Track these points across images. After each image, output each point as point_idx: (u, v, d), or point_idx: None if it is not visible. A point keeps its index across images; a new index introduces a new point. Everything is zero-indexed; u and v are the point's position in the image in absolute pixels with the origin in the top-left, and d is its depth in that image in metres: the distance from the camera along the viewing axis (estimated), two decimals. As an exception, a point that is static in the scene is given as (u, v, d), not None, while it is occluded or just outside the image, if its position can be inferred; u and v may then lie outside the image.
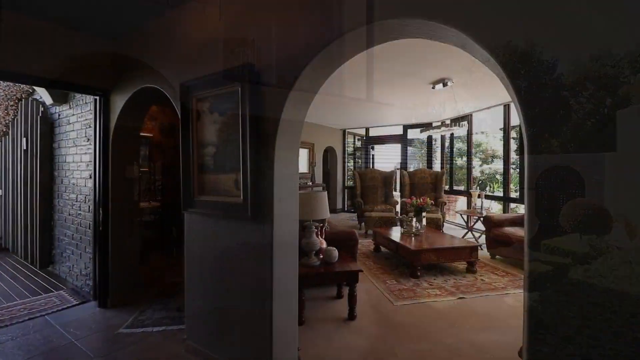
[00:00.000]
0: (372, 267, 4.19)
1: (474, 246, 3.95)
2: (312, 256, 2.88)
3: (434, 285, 3.58)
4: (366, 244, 5.40)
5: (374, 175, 7.18)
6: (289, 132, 1.92)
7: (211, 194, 2.12)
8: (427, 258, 3.81)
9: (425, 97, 5.21)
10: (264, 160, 1.87)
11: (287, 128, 1.89)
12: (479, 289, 3.47)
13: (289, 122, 1.88)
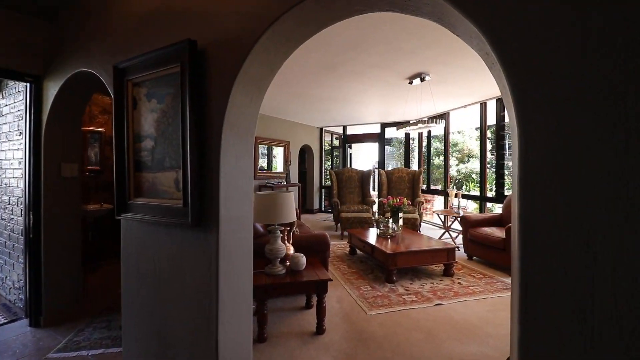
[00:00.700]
0: (346, 272, 3.95)
1: (452, 248, 3.79)
2: (276, 264, 2.60)
3: (410, 290, 3.38)
4: (342, 246, 5.17)
5: (351, 174, 6.97)
6: (239, 122, 1.62)
7: (149, 196, 1.80)
8: (403, 262, 3.61)
9: (401, 92, 5.03)
10: (208, 156, 1.57)
11: (236, 117, 1.59)
12: (456, 294, 3.30)
13: (238, 110, 1.59)
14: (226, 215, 1.57)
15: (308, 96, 5.34)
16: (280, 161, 7.58)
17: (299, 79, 4.37)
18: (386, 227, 4.35)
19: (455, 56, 3.47)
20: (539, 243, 0.89)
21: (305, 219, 7.80)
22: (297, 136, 8.01)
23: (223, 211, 1.56)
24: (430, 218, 7.91)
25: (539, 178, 0.91)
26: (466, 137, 11.59)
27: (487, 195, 5.53)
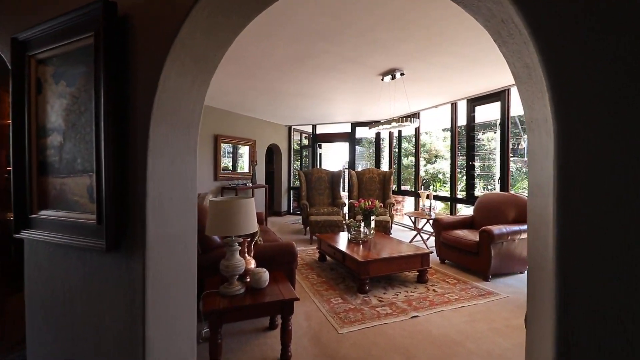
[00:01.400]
0: (315, 282, 3.65)
1: (426, 253, 3.60)
2: (234, 282, 2.23)
3: (384, 301, 3.14)
4: (311, 252, 4.86)
5: (320, 175, 6.68)
6: (176, 112, 1.25)
7: (57, 208, 1.37)
8: (376, 270, 3.37)
9: (374, 90, 4.80)
10: (132, 156, 1.19)
11: (172, 105, 1.22)
12: (432, 303, 3.10)
13: (174, 96, 1.22)
14: (157, 234, 1.19)
15: (276, 92, 4.97)
16: (247, 161, 7.13)
17: (266, 73, 4.00)
18: (358, 231, 4.10)
19: (431, 52, 3.27)
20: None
21: (272, 221, 7.41)
22: (264, 135, 7.59)
23: (152, 229, 1.18)
24: (400, 219, 7.83)
25: (586, 186, 0.64)
26: (433, 138, 11.76)
27: (457, 197, 5.47)
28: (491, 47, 3.10)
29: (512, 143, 10.95)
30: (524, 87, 0.84)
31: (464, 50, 3.21)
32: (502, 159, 4.61)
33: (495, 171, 10.34)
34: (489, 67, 3.71)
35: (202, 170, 5.81)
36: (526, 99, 0.85)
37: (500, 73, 3.94)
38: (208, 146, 6.01)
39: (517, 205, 4.04)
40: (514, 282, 3.69)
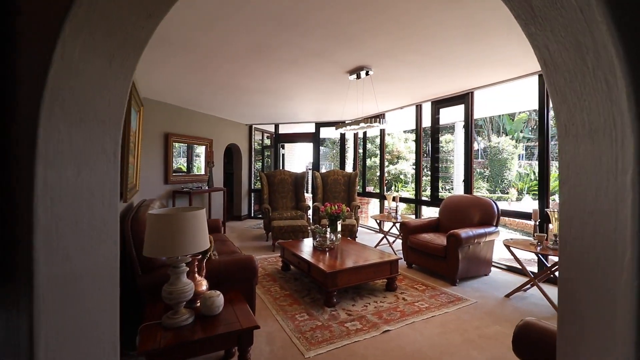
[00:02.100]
0: (279, 296, 3.34)
1: (395, 260, 3.46)
2: (180, 310, 1.86)
3: (353, 314, 2.92)
4: (273, 260, 4.53)
5: (283, 177, 6.36)
6: (85, 101, 0.90)
7: None
8: (344, 281, 3.14)
9: (341, 88, 4.59)
10: (12, 163, 0.82)
11: (77, 91, 0.87)
12: (403, 314, 2.94)
13: (80, 79, 0.87)
14: (52, 274, 0.84)
15: (234, 88, 4.57)
16: (204, 162, 6.59)
17: (220, 65, 3.60)
18: (323, 237, 3.86)
19: (400, 49, 3.12)
20: None
21: (232, 227, 6.94)
22: (222, 133, 7.09)
23: (44, 268, 0.82)
24: (365, 221, 7.75)
25: None
26: (395, 139, 11.94)
27: (422, 199, 5.45)
28: (461, 46, 3.01)
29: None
30: (563, 76, 0.62)
31: (434, 49, 3.09)
32: (466, 161, 4.64)
33: (453, 172, 10.71)
34: (455, 68, 3.66)
35: (150, 173, 5.22)
36: (564, 94, 0.63)
37: (465, 75, 3.91)
38: (157, 146, 5.42)
39: (482, 207, 4.05)
40: (480, 285, 3.67)
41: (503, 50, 3.12)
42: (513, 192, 11.65)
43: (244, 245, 5.40)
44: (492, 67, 3.59)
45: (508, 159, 11.93)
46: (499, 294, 3.40)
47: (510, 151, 11.97)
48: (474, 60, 3.36)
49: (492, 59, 3.31)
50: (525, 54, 3.17)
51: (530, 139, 13.04)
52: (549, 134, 3.71)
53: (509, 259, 5.53)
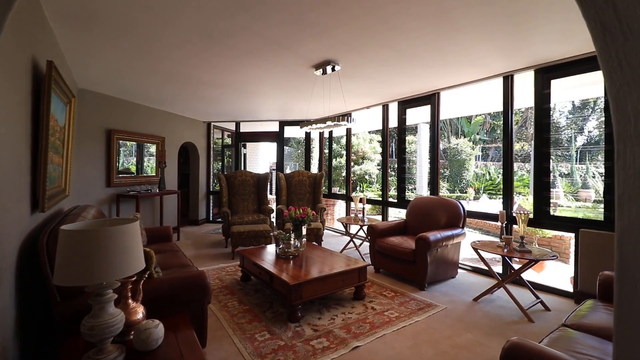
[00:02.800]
0: (237, 312, 2.99)
1: (363, 267, 3.26)
2: (105, 348, 1.48)
3: (319, 329, 2.67)
4: (232, 270, 4.15)
5: (245, 178, 5.96)
6: None
7: None
8: (310, 292, 2.88)
9: (306, 84, 4.32)
10: None
11: None
12: (373, 326, 2.74)
13: None
14: None
15: (186, 79, 4.12)
16: (152, 162, 5.99)
17: (168, 52, 3.17)
18: (287, 244, 3.57)
19: (369, 43, 2.92)
20: None
21: (187, 233, 6.40)
22: (176, 131, 6.52)
23: None
24: (330, 224, 7.56)
25: None
26: (360, 140, 11.91)
27: (389, 200, 5.35)
28: (432, 43, 2.87)
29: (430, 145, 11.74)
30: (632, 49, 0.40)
31: (404, 45, 2.93)
32: (432, 162, 4.58)
33: (415, 173, 10.89)
34: (424, 68, 3.54)
35: (87, 175, 4.58)
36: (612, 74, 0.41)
37: (433, 75, 3.82)
38: (97, 144, 4.79)
39: (448, 209, 3.99)
40: (448, 289, 3.59)
41: (471, 50, 3.04)
42: (471, 191, 12.13)
43: (199, 253, 4.94)
44: (459, 67, 3.52)
45: (466, 160, 12.41)
46: (467, 298, 3.33)
47: (469, 152, 12.46)
48: (443, 58, 3.26)
49: (460, 58, 3.22)
50: (493, 54, 3.12)
51: (486, 140, 13.69)
52: (512, 135, 3.72)
53: (473, 259, 5.60)
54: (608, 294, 2.16)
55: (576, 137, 13.42)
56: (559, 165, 12.82)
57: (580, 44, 2.84)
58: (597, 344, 1.65)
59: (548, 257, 2.85)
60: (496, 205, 11.01)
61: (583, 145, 13.42)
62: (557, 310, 3.04)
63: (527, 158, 13.53)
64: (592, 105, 12.87)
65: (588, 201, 11.23)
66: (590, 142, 13.36)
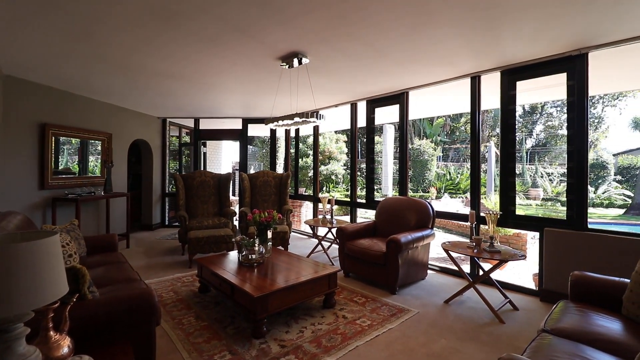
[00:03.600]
0: (194, 329, 2.66)
1: (333, 273, 3.06)
2: (8, 404, 1.13)
3: (287, 345, 2.43)
4: (189, 281, 3.77)
5: (204, 179, 5.54)
6: None
7: None
8: (276, 304, 2.63)
9: (272, 78, 4.04)
10: None
11: None
12: (345, 337, 2.55)
13: None
14: None
15: (138, 68, 3.67)
16: (96, 161, 5.36)
17: (115, 35, 2.75)
18: (251, 251, 3.27)
19: (341, 35, 2.73)
20: None
21: (139, 239, 5.82)
22: (126, 127, 5.91)
23: None
24: (297, 226, 7.32)
25: None
26: (327, 140, 11.79)
27: (357, 201, 5.22)
28: (404, 37, 2.75)
29: (395, 147, 11.93)
30: None
31: (377, 37, 2.78)
32: (401, 162, 4.52)
33: (381, 173, 10.98)
34: (394, 65, 3.43)
35: (13, 176, 3.94)
36: None
37: (403, 73, 3.74)
38: (28, 140, 4.14)
39: (418, 210, 3.93)
40: (419, 291, 3.51)
41: (444, 47, 2.97)
42: (433, 191, 12.51)
43: (152, 262, 4.47)
44: (429, 66, 3.46)
45: (429, 161, 12.79)
46: (439, 300, 3.27)
47: (431, 153, 12.85)
48: (415, 55, 3.16)
49: (431, 55, 3.14)
50: (463, 52, 3.08)
51: (446, 142, 14.24)
52: (480, 136, 3.74)
53: (439, 258, 5.65)
54: (580, 294, 2.16)
55: (526, 139, 14.39)
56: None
57: (548, 45, 2.88)
58: (579, 350, 1.59)
59: (517, 257, 2.85)
60: (456, 204, 11.44)
61: (532, 147, 14.44)
62: (526, 310, 3.06)
63: (483, 159, 14.24)
64: (540, 110, 13.90)
65: (537, 199, 12.06)
66: (538, 144, 14.43)
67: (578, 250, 2.98)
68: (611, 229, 3.07)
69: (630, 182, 13.16)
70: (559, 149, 14.75)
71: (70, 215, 4.49)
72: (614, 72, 3.61)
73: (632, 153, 14.28)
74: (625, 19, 2.40)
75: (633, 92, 13.46)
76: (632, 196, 12.05)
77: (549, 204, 11.58)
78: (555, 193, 12.47)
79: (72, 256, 2.29)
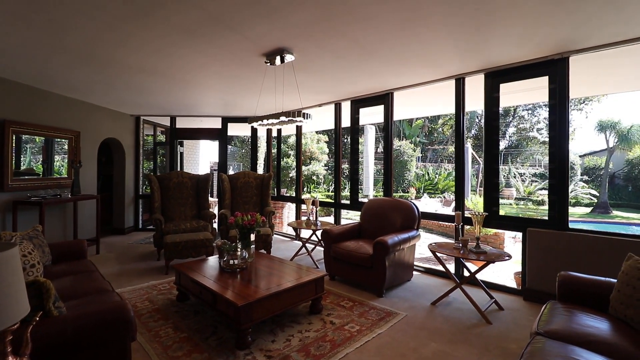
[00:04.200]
0: (172, 342, 2.48)
1: (320, 277, 2.97)
2: None
3: (274, 355, 2.30)
4: (166, 288, 3.56)
5: (181, 180, 5.29)
6: None
7: None
8: (262, 312, 2.50)
9: (255, 76, 3.89)
10: None
11: None
12: (334, 344, 2.46)
13: None
14: None
15: (107, 62, 3.41)
16: (63, 161, 5.00)
17: (78, 22, 2.52)
18: (233, 256, 3.12)
19: (328, 31, 2.64)
20: None
21: (110, 244, 5.48)
22: (95, 125, 5.55)
23: None
24: (279, 228, 7.17)
25: None
26: (308, 140, 11.69)
27: (341, 202, 5.15)
28: (392, 34, 2.69)
29: (376, 147, 12.00)
30: None
31: (365, 34, 2.71)
32: (385, 163, 4.48)
33: (362, 174, 11.00)
34: (380, 64, 3.38)
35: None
36: None
37: (388, 73, 3.70)
38: (-17, 137, 3.78)
39: (403, 211, 3.91)
40: (406, 293, 3.48)
41: (431, 47, 2.94)
42: (412, 191, 12.70)
43: (125, 268, 4.20)
44: (415, 67, 3.43)
45: (408, 161, 12.97)
46: (426, 302, 3.25)
47: (410, 154, 13.04)
48: (402, 55, 3.12)
49: (419, 53, 3.10)
50: (450, 53, 3.07)
51: (425, 143, 14.53)
52: (464, 137, 3.77)
53: (422, 258, 5.70)
54: (567, 294, 2.17)
55: (499, 141, 14.91)
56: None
57: (533, 48, 2.91)
58: (574, 353, 1.58)
59: (504, 257, 2.86)
60: (435, 204, 11.65)
61: (505, 148, 15.01)
62: (511, 309, 3.09)
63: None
64: (513, 112, 14.47)
65: (511, 198, 12.51)
66: (510, 146, 15.02)
67: (560, 249, 3.04)
68: (590, 228, 3.16)
69: (595, 182, 13.93)
70: (529, 150, 15.41)
71: (34, 220, 4.14)
72: (587, 77, 3.73)
73: (597, 154, 15.15)
74: (607, 24, 2.46)
75: (597, 97, 14.28)
76: (597, 195, 12.77)
77: (522, 203, 12.03)
78: (527, 193, 12.99)
79: (34, 266, 2.07)
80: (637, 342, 1.68)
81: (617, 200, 13.65)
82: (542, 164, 14.90)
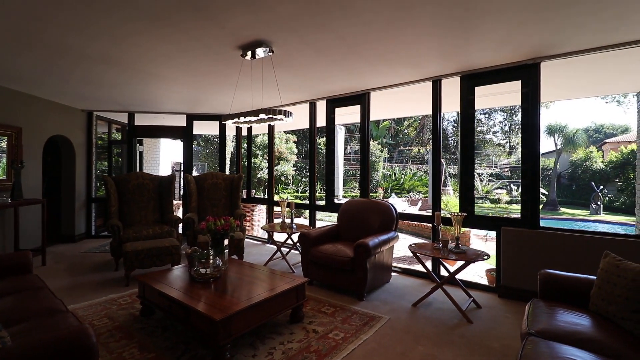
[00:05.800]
0: (139, 365, 2.20)
1: (301, 284, 2.81)
2: None
3: (256, 372, 2.12)
4: (127, 303, 3.20)
5: (142, 181, 4.87)
6: None
7: None
8: (242, 325, 2.30)
9: (229, 69, 3.64)
10: None
11: None
12: (319, 355, 2.33)
13: None
14: None
15: (55, 48, 2.99)
16: (8, 162, 4.37)
17: (23, 1, 2.16)
18: (205, 264, 2.86)
19: (312, 25, 2.50)
20: None
21: (59, 253, 4.90)
22: (40, 121, 4.93)
23: None
24: (250, 231, 6.88)
25: None
26: (277, 140, 11.43)
27: (317, 203, 5.03)
28: (378, 32, 2.61)
29: (345, 147, 12.04)
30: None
31: (351, 30, 2.60)
32: (362, 164, 4.43)
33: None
34: (362, 62, 3.29)
35: None
36: None
37: (367, 73, 3.64)
38: None
39: (381, 212, 3.87)
40: (386, 295, 3.44)
41: (412, 47, 2.91)
42: (380, 191, 12.92)
43: (77, 281, 3.74)
44: (397, 66, 3.39)
45: (376, 162, 13.16)
46: (407, 303, 3.22)
47: (378, 155, 13.25)
48: (385, 54, 3.06)
49: (401, 54, 3.07)
50: (431, 54, 3.07)
51: (391, 144, 14.88)
52: (441, 138, 3.81)
53: (397, 258, 5.73)
54: (549, 292, 2.22)
55: (475, 142, 15.68)
56: (448, 167, 14.75)
57: (510, 52, 2.99)
58: (569, 353, 1.58)
59: (483, 257, 2.90)
60: (402, 203, 11.93)
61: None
62: (488, 307, 3.15)
63: (424, 160, 15.24)
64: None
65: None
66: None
67: (533, 247, 3.15)
68: (560, 226, 3.32)
69: (544, 181, 15.12)
70: (485, 152, 16.41)
71: (-39, 228, 3.55)
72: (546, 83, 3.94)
73: (545, 156, 16.48)
74: (580, 31, 2.56)
75: (546, 103, 15.54)
76: (546, 194, 13.85)
77: (493, 205, 12.69)
78: (485, 192, 13.76)
79: (-37, 288, 1.71)
80: (622, 338, 1.73)
81: (563, 198, 14.92)
82: (498, 165, 15.89)
